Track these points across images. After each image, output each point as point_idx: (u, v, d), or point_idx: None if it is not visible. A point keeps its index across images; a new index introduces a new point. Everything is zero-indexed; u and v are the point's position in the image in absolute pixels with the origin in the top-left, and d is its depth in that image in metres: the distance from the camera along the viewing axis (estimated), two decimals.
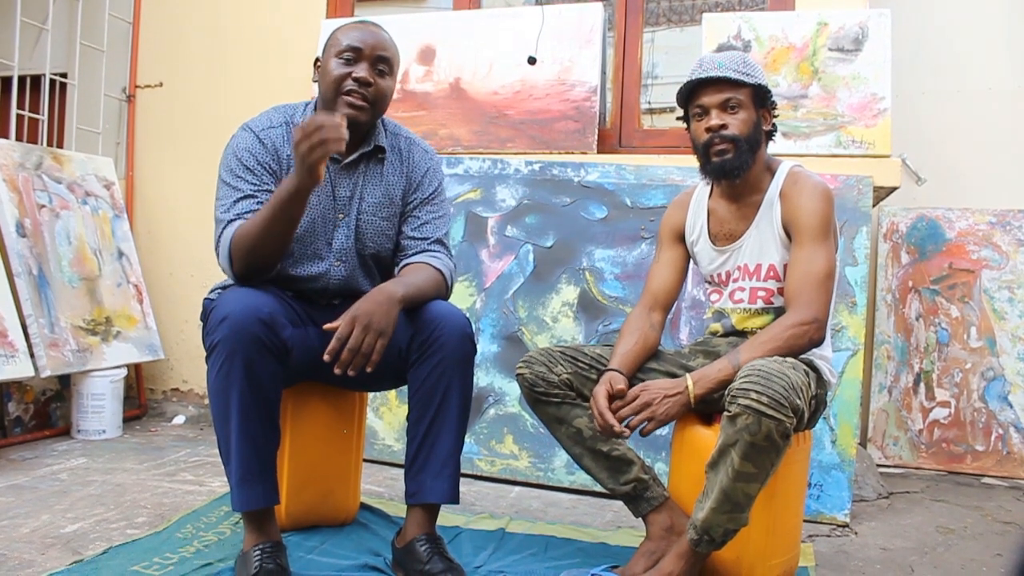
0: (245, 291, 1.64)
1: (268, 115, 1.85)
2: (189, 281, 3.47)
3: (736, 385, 1.50)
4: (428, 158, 1.94)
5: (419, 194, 1.90)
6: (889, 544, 2.12)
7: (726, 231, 1.85)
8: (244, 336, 1.56)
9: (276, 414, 1.67)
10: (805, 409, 1.53)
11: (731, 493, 1.53)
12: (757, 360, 1.55)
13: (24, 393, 2.99)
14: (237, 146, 1.78)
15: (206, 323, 1.69)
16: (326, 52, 1.80)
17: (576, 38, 2.94)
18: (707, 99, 1.73)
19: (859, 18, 2.67)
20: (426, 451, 1.73)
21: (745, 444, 1.48)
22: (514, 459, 2.58)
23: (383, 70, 1.78)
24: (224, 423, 1.61)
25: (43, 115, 3.26)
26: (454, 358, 1.71)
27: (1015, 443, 2.84)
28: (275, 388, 1.65)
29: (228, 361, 1.57)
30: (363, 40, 1.76)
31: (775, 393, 1.46)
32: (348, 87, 1.73)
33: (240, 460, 1.60)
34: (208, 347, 1.61)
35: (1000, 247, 2.93)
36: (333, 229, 1.83)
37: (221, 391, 1.59)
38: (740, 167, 1.74)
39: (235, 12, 3.48)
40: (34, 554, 1.80)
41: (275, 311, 1.62)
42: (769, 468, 1.52)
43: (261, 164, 1.76)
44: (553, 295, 2.66)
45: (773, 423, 1.46)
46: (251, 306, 1.58)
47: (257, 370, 1.58)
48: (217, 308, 1.62)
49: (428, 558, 1.66)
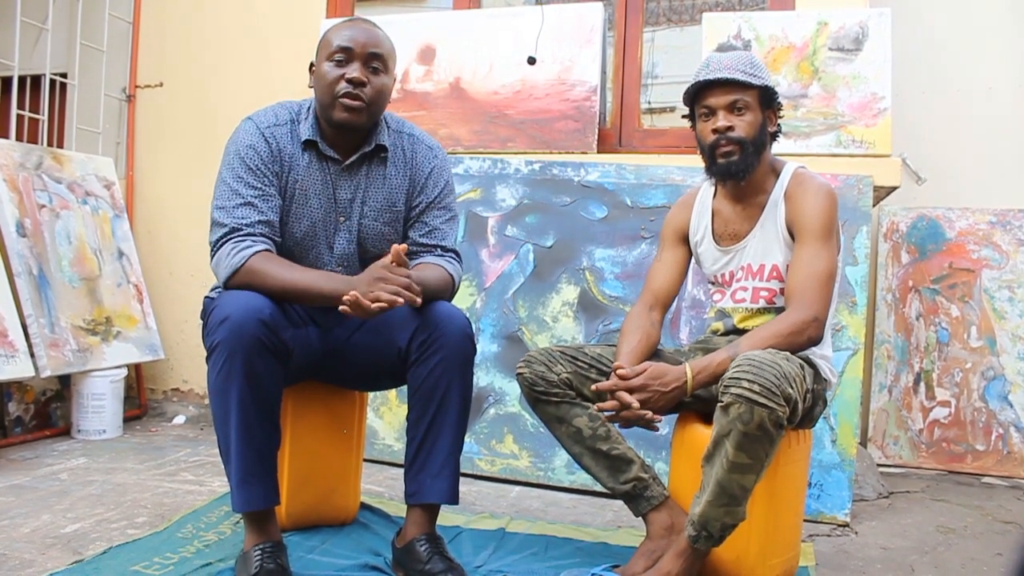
0: (245, 292, 1.63)
1: (274, 110, 1.81)
2: (189, 281, 3.47)
3: (729, 375, 1.51)
4: (432, 156, 1.89)
5: (424, 197, 1.86)
6: (889, 544, 2.12)
7: (730, 231, 1.85)
8: (245, 337, 1.56)
9: (277, 415, 1.67)
10: (798, 399, 1.53)
11: (727, 485, 1.53)
12: (750, 351, 1.55)
13: (24, 393, 2.99)
14: (241, 142, 1.75)
15: (206, 323, 1.68)
16: (319, 55, 1.78)
17: (576, 38, 2.94)
18: (714, 100, 1.73)
19: (859, 18, 2.67)
20: (426, 451, 1.72)
21: (738, 434, 1.48)
22: (514, 459, 2.58)
23: (377, 67, 1.75)
24: (224, 424, 1.61)
25: (43, 115, 3.26)
26: (454, 358, 1.71)
27: (1015, 442, 2.84)
28: (276, 389, 1.65)
29: (228, 362, 1.56)
30: (354, 39, 1.73)
31: (766, 381, 1.46)
32: (342, 89, 1.71)
33: (240, 461, 1.60)
34: (208, 347, 1.61)
35: (1000, 246, 2.93)
36: (334, 233, 1.81)
37: (221, 391, 1.59)
38: (746, 169, 1.74)
39: (235, 12, 3.48)
40: (34, 554, 1.80)
41: (275, 312, 1.62)
42: (764, 459, 1.52)
43: (265, 165, 1.74)
44: (553, 295, 2.66)
45: (765, 411, 1.46)
46: (252, 307, 1.58)
47: (257, 371, 1.58)
48: (217, 308, 1.61)
49: (428, 558, 1.66)
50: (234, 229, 1.68)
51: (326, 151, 1.78)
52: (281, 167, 1.76)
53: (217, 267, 1.69)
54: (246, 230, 1.69)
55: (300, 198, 1.78)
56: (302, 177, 1.78)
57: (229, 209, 1.70)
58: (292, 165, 1.77)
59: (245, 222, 1.69)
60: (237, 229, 1.68)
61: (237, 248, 1.66)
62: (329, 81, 1.72)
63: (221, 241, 1.69)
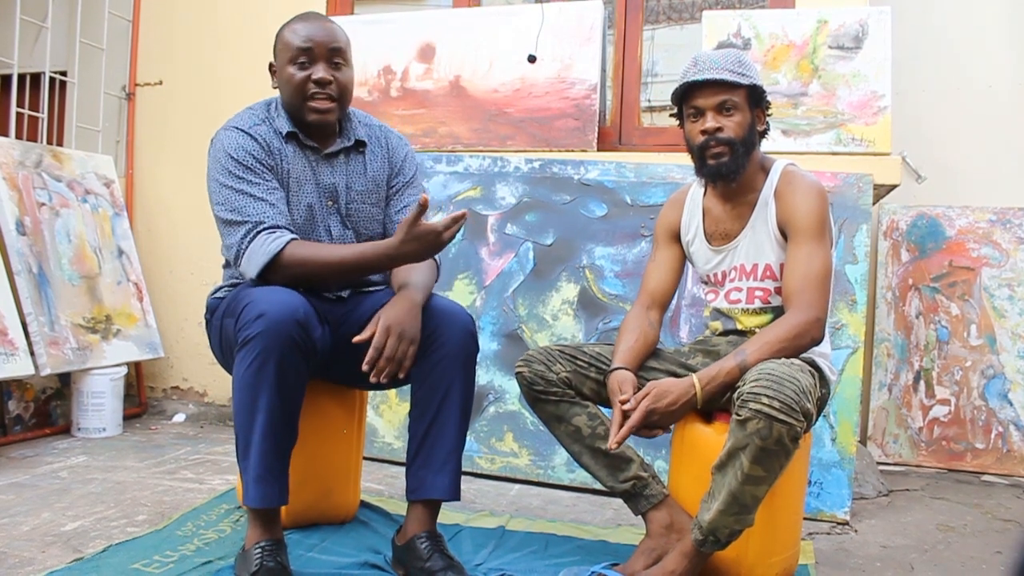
0: (277, 289, 1.62)
1: (247, 114, 1.83)
2: (189, 279, 3.47)
3: (746, 389, 1.50)
4: (403, 144, 1.99)
5: (401, 177, 1.95)
6: (889, 542, 2.12)
7: (721, 231, 1.85)
8: (281, 336, 1.55)
9: (298, 415, 1.66)
10: (814, 412, 1.54)
11: (740, 496, 1.53)
12: (765, 363, 1.55)
13: (24, 391, 2.99)
14: (228, 146, 1.75)
15: (236, 317, 1.64)
16: (279, 57, 1.80)
17: (576, 36, 2.94)
18: (702, 101, 1.72)
19: (859, 16, 2.66)
20: (428, 447, 1.73)
21: (756, 448, 1.48)
22: (514, 457, 2.58)
23: (339, 63, 1.79)
24: (249, 419, 1.59)
25: (43, 113, 3.26)
26: (457, 355, 1.72)
27: (1015, 441, 2.84)
28: (301, 388, 1.65)
29: (261, 358, 1.55)
30: (312, 38, 1.75)
31: (786, 398, 1.46)
32: (311, 91, 1.75)
33: (260, 457, 1.59)
34: (240, 341, 1.58)
35: (1000, 245, 2.93)
36: (328, 217, 1.85)
37: (250, 387, 1.57)
38: (736, 170, 1.74)
39: (235, 10, 3.48)
40: (34, 552, 1.80)
41: (309, 311, 1.61)
42: (778, 471, 1.52)
43: (259, 161, 1.75)
44: (553, 293, 2.66)
45: (784, 427, 1.46)
46: (289, 305, 1.57)
47: (288, 371, 1.57)
48: (253, 303, 1.59)
49: (428, 556, 1.66)
50: (258, 223, 1.68)
51: (306, 141, 1.83)
52: (274, 160, 1.79)
53: (249, 262, 1.67)
54: (269, 223, 1.69)
55: (294, 186, 1.81)
56: (291, 166, 1.81)
57: (242, 208, 1.70)
58: (281, 156, 1.80)
59: (266, 215, 1.70)
60: (260, 223, 1.68)
61: (269, 239, 1.66)
62: (296, 84, 1.76)
63: (249, 237, 1.68)
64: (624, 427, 1.63)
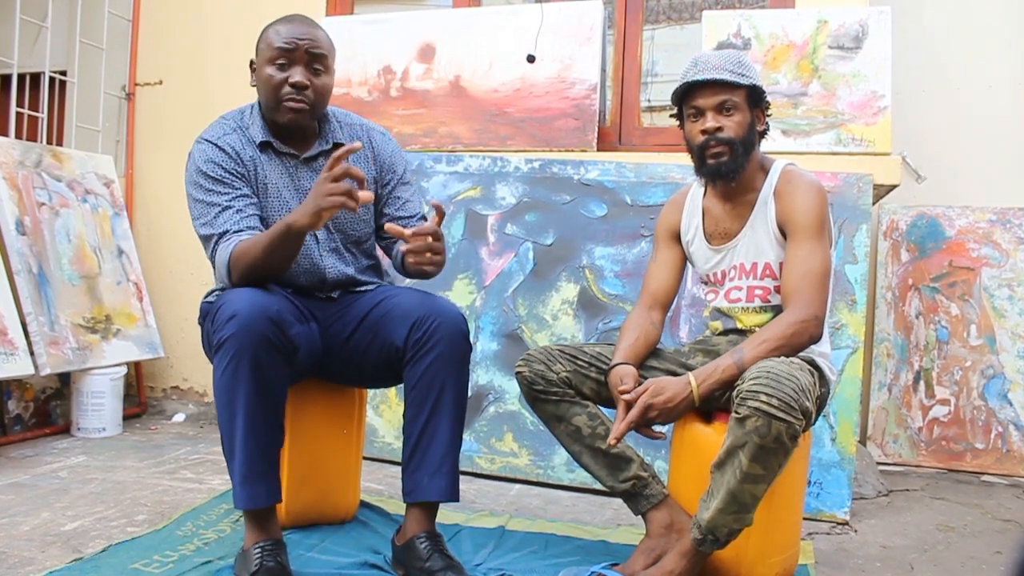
0: (252, 290, 1.63)
1: (219, 124, 1.84)
2: (189, 279, 3.47)
3: (745, 387, 1.50)
4: (387, 140, 1.98)
5: (393, 176, 1.95)
6: (889, 542, 2.12)
7: (721, 230, 1.85)
8: (253, 335, 1.56)
9: (282, 413, 1.67)
10: (813, 410, 1.54)
11: (738, 494, 1.53)
12: (764, 361, 1.55)
13: (24, 391, 2.99)
14: (198, 159, 1.77)
15: (212, 320, 1.67)
16: (259, 55, 1.80)
17: (576, 36, 2.94)
18: (702, 101, 1.73)
19: (859, 16, 2.66)
20: (422, 449, 1.72)
21: (754, 446, 1.48)
22: (514, 457, 2.58)
23: (318, 68, 1.78)
24: (229, 421, 1.60)
25: (43, 113, 3.26)
26: (449, 356, 1.72)
27: (1015, 441, 2.84)
28: (282, 387, 1.65)
29: (236, 359, 1.56)
30: (294, 40, 1.75)
31: (785, 395, 1.46)
32: (286, 94, 1.75)
33: (244, 458, 1.60)
34: (215, 344, 1.60)
35: (1000, 245, 2.93)
36: None
37: (228, 389, 1.59)
38: (736, 170, 1.74)
39: (235, 10, 3.48)
40: (34, 552, 1.80)
41: (283, 309, 1.63)
42: (776, 469, 1.52)
43: (228, 172, 1.76)
44: (553, 293, 2.66)
45: (783, 425, 1.46)
46: (260, 305, 1.58)
47: (265, 369, 1.58)
48: (225, 305, 1.61)
49: (428, 556, 1.66)
50: (222, 233, 1.71)
51: (281, 148, 1.83)
52: (246, 168, 1.79)
53: (218, 273, 1.72)
54: (233, 229, 1.71)
55: (273, 192, 1.82)
56: (267, 173, 1.81)
57: (209, 220, 1.73)
58: (256, 164, 1.81)
59: (231, 222, 1.71)
60: (224, 232, 1.71)
61: (226, 247, 1.69)
62: (273, 85, 1.76)
63: (213, 249, 1.72)
64: (624, 422, 1.63)
